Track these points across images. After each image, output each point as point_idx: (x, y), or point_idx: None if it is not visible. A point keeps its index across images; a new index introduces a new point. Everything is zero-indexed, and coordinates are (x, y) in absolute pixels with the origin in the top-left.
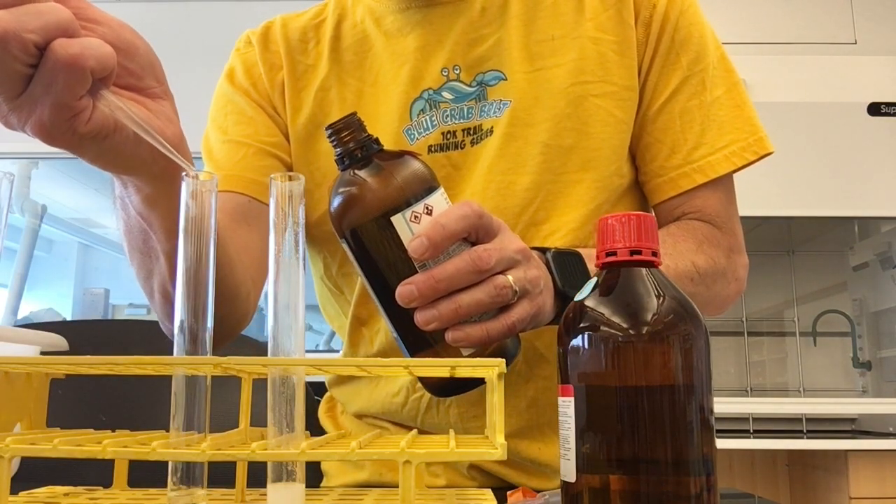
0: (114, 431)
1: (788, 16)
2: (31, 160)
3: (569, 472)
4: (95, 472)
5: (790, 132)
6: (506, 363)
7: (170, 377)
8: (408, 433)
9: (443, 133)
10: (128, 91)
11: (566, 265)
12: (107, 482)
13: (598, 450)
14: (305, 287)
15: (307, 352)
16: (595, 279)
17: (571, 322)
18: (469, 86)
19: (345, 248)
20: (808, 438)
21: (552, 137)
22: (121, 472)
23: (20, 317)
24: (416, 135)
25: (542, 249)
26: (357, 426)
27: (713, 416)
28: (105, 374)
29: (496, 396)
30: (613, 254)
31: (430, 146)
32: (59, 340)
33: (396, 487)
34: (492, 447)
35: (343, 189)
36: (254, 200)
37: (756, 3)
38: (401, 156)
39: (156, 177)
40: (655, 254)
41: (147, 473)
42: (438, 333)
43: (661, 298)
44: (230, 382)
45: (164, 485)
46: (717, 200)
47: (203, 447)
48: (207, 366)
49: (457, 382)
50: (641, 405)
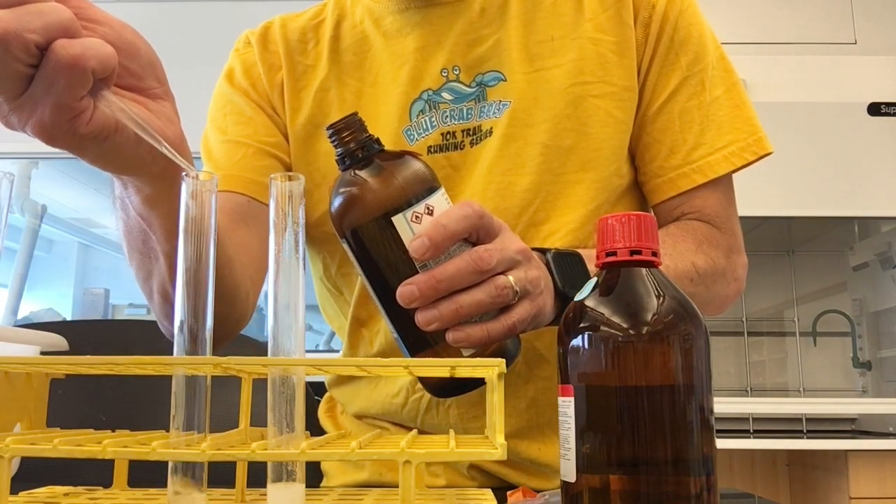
0: (114, 431)
1: (788, 16)
2: (31, 160)
3: (569, 472)
4: (95, 472)
5: (790, 132)
6: (506, 363)
7: (170, 377)
8: (408, 433)
9: (442, 134)
10: (128, 91)
11: (566, 266)
12: (107, 482)
13: (598, 450)
14: (305, 287)
15: (307, 352)
16: (595, 279)
17: (571, 322)
18: (468, 86)
19: (345, 249)
20: (808, 438)
21: (552, 138)
22: (121, 472)
23: (20, 317)
24: (416, 135)
25: (542, 250)
26: (357, 426)
27: (713, 416)
28: (105, 374)
29: (496, 396)
30: (613, 254)
31: (430, 147)
32: (59, 340)
33: (396, 487)
34: (492, 447)
35: (344, 189)
36: (253, 200)
37: (756, 3)
38: (402, 156)
39: (156, 177)
40: (655, 254)
41: (147, 473)
42: (439, 334)
43: (661, 298)
44: (230, 382)
45: (164, 485)
46: (717, 200)
47: (203, 447)
48: (207, 366)
49: (457, 383)
50: (641, 405)
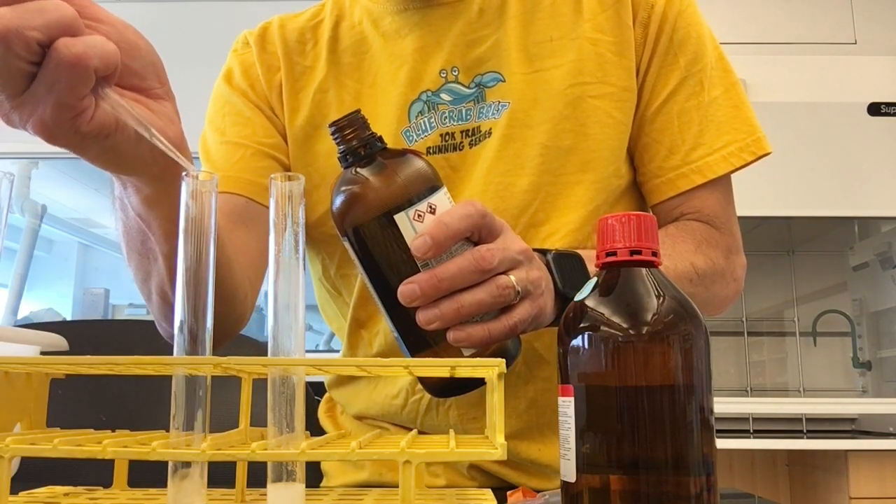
0: (114, 431)
1: (788, 16)
2: (31, 160)
3: (569, 472)
4: (95, 472)
5: (790, 132)
6: (507, 364)
7: (170, 377)
8: (408, 434)
9: (441, 135)
10: (130, 91)
11: (567, 267)
12: (107, 482)
13: (598, 450)
14: (305, 287)
15: (307, 352)
16: (595, 279)
17: (571, 322)
18: (467, 87)
19: (347, 247)
20: (808, 438)
21: (551, 139)
22: (121, 472)
23: (20, 317)
24: (415, 137)
25: (543, 251)
26: (357, 427)
27: (713, 416)
28: (105, 374)
29: (496, 396)
30: (613, 254)
31: (429, 148)
32: (59, 340)
33: (396, 487)
34: (492, 447)
35: (345, 187)
36: (251, 202)
37: (756, 3)
38: (404, 154)
39: (156, 177)
40: (655, 254)
41: (147, 473)
42: (439, 334)
43: (661, 298)
44: (230, 382)
45: (164, 485)
46: (716, 201)
47: (203, 447)
48: (207, 366)
49: (456, 383)
50: (641, 405)
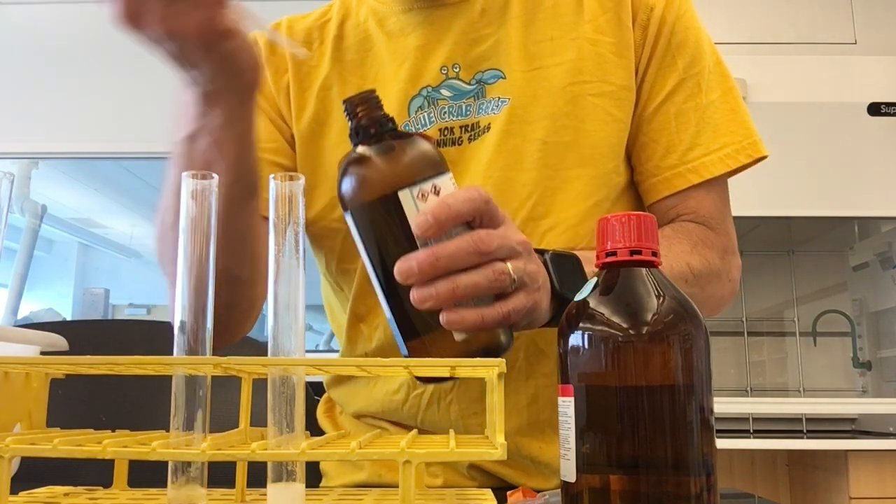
0: (114, 431)
1: (788, 16)
2: (31, 160)
3: (569, 472)
4: (95, 472)
5: (790, 132)
6: (498, 355)
7: (170, 377)
8: (408, 433)
9: (440, 129)
10: None
11: (564, 267)
12: (107, 482)
13: (598, 450)
14: (305, 287)
15: (307, 352)
16: (595, 279)
17: (571, 322)
18: (468, 84)
19: (349, 224)
20: (808, 438)
21: (550, 134)
22: (121, 472)
23: (20, 317)
24: (414, 131)
25: (540, 251)
26: (356, 427)
27: (713, 416)
28: (105, 374)
29: (496, 396)
30: (613, 254)
31: None
32: (59, 340)
33: (396, 487)
34: (492, 447)
35: (352, 164)
36: None
37: (756, 3)
38: (413, 136)
39: (245, 90)
40: (655, 254)
41: (147, 473)
42: (434, 322)
43: (661, 298)
44: (230, 382)
45: (164, 485)
46: (711, 202)
47: (203, 447)
48: (207, 366)
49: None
50: (641, 405)
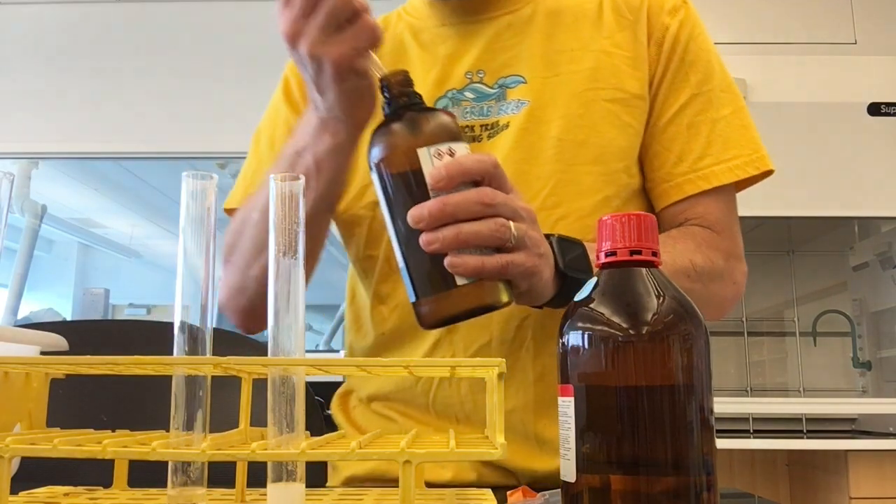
0: (114, 431)
1: (788, 16)
2: (31, 160)
3: (569, 472)
4: (95, 472)
5: (790, 132)
6: (497, 307)
7: (170, 377)
8: (408, 433)
9: (461, 127)
10: None
11: (569, 249)
12: (107, 482)
13: (598, 450)
14: (305, 287)
15: (307, 352)
16: (595, 279)
17: (571, 322)
18: (491, 88)
19: (373, 182)
20: (808, 438)
21: (564, 133)
22: (121, 472)
23: (20, 317)
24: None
25: (547, 235)
26: (368, 418)
27: (713, 416)
28: (105, 374)
29: (496, 397)
30: (613, 254)
31: None
32: (59, 340)
33: (397, 485)
34: (491, 447)
35: (381, 127)
36: None
37: (756, 3)
38: (437, 110)
39: (356, 125)
40: (655, 254)
41: (147, 473)
42: (443, 278)
43: (661, 298)
44: (230, 382)
45: (164, 485)
46: (719, 209)
47: (203, 447)
48: (207, 366)
49: (456, 314)
50: (641, 405)
